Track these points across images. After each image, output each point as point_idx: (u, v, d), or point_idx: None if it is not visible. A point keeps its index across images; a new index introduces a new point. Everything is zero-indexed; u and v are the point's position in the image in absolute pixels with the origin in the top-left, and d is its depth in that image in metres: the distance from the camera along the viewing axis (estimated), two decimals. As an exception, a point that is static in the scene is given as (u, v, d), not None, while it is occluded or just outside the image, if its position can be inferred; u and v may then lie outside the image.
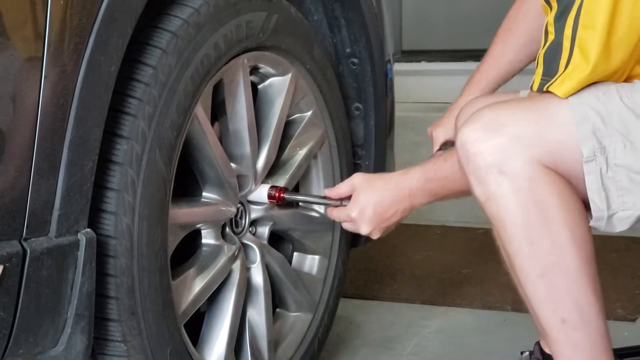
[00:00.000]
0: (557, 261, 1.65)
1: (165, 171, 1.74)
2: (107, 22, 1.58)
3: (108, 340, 1.70)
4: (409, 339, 2.57)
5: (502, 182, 1.64)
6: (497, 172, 1.63)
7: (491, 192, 1.65)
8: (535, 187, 1.63)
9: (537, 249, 1.65)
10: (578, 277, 1.65)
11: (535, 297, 1.69)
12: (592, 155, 1.63)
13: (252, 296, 2.07)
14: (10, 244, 1.49)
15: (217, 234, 1.97)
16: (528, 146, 1.63)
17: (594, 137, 1.63)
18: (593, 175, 1.64)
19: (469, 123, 1.67)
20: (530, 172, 1.63)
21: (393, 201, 1.92)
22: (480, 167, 1.65)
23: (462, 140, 1.67)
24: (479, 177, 1.66)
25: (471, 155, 1.65)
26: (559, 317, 1.67)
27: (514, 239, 1.66)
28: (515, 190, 1.63)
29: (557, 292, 1.66)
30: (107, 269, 1.66)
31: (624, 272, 2.93)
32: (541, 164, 1.63)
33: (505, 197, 1.64)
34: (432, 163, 1.89)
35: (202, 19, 1.81)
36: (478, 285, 2.93)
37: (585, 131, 1.63)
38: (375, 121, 2.35)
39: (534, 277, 1.67)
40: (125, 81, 1.67)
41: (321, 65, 2.19)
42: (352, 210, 1.95)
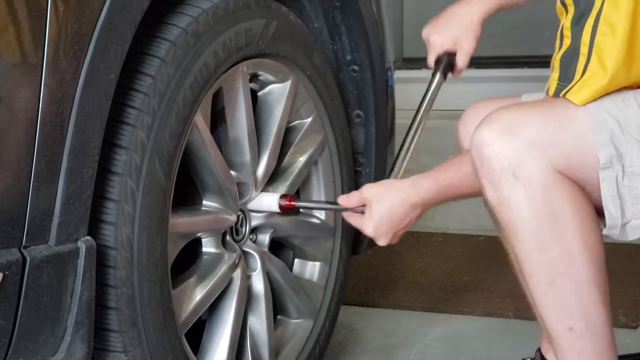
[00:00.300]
0: (567, 270, 1.64)
1: (164, 181, 1.74)
2: (106, 30, 1.58)
3: (109, 351, 1.70)
4: (411, 346, 2.57)
5: (516, 187, 1.62)
6: (512, 176, 1.62)
7: (504, 196, 1.64)
8: (550, 194, 1.62)
9: (548, 256, 1.64)
10: (587, 287, 1.64)
11: (543, 304, 1.68)
12: (609, 162, 1.62)
13: (253, 304, 2.07)
14: (10, 252, 1.49)
15: (217, 242, 1.97)
16: (544, 151, 1.61)
17: (611, 143, 1.62)
18: (608, 182, 1.63)
19: (486, 124, 1.65)
20: (546, 179, 1.61)
21: (406, 212, 1.90)
22: (495, 171, 1.63)
23: (477, 141, 1.65)
24: (492, 180, 1.64)
25: (486, 157, 1.64)
26: (566, 325, 1.66)
27: (524, 245, 1.65)
28: (529, 196, 1.62)
29: (565, 300, 1.65)
30: (107, 279, 1.66)
31: (626, 279, 2.93)
32: (556, 171, 1.62)
33: (519, 202, 1.63)
34: (446, 170, 1.86)
35: (201, 28, 1.80)
36: (480, 293, 2.93)
37: (602, 138, 1.62)
38: (376, 128, 2.35)
39: (544, 285, 1.66)
40: (124, 91, 1.67)
41: (321, 72, 2.19)
42: (367, 226, 1.93)
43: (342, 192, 2.28)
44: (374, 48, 2.31)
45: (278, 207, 2.06)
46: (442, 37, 2.13)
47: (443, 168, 1.87)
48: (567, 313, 1.66)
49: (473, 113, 2.05)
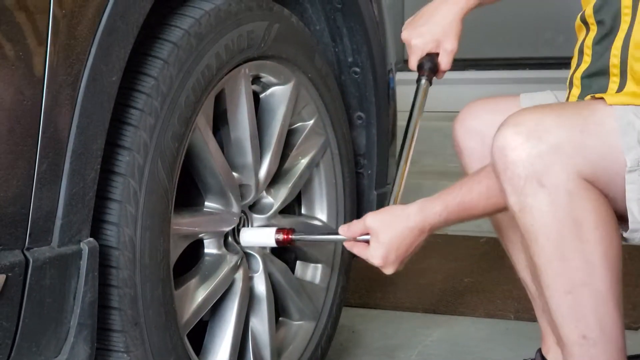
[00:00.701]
0: (586, 280, 1.62)
1: (167, 182, 1.74)
2: (108, 32, 1.58)
3: (111, 351, 1.70)
4: (412, 347, 2.57)
5: (541, 195, 1.59)
6: (537, 183, 1.58)
7: (527, 203, 1.60)
8: (574, 203, 1.59)
9: (568, 265, 1.61)
10: (605, 297, 1.63)
11: (559, 311, 1.66)
12: (636, 165, 1.60)
13: (254, 305, 2.07)
14: (13, 254, 1.49)
15: (219, 244, 1.97)
16: (570, 157, 1.58)
17: (639, 145, 1.60)
18: (635, 185, 1.61)
19: (510, 126, 1.61)
20: (571, 186, 1.58)
21: (414, 239, 1.85)
22: (520, 176, 1.59)
23: (501, 144, 1.61)
24: (516, 186, 1.61)
25: (510, 162, 1.60)
26: (580, 333, 1.65)
27: (544, 253, 1.62)
28: (553, 204, 1.59)
29: (582, 309, 1.64)
30: (109, 279, 1.66)
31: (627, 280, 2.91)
32: (582, 177, 1.59)
33: (542, 210, 1.59)
34: (456, 193, 1.80)
35: (204, 30, 1.81)
36: (481, 294, 2.93)
37: (630, 140, 1.60)
38: (378, 130, 2.35)
39: (561, 293, 1.64)
40: (127, 92, 1.68)
41: (323, 74, 2.19)
42: (375, 257, 1.87)
43: (344, 194, 2.29)
44: (375, 50, 2.31)
45: (275, 242, 2.00)
46: (424, 38, 2.06)
47: (453, 190, 1.81)
48: (582, 322, 1.64)
49: (470, 112, 2.04)
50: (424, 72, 2.09)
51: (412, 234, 1.84)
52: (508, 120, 1.63)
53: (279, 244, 2.00)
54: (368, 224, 1.88)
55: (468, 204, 1.79)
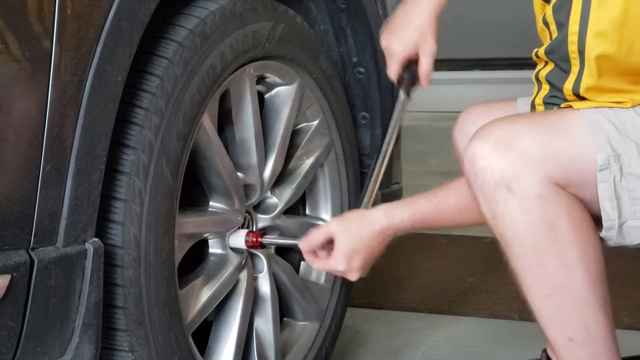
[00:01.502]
0: (565, 282, 1.62)
1: (172, 181, 1.74)
2: (113, 32, 1.59)
3: (116, 350, 1.70)
4: (416, 347, 2.57)
5: (511, 201, 1.60)
6: (507, 190, 1.59)
7: (498, 210, 1.61)
8: (546, 207, 1.59)
9: (545, 269, 1.62)
10: (586, 298, 1.63)
11: (542, 315, 1.66)
12: (607, 164, 1.61)
13: (259, 305, 2.07)
14: (18, 254, 1.50)
15: (224, 244, 1.97)
16: (540, 162, 1.59)
17: (608, 145, 1.61)
18: (606, 183, 1.61)
19: (480, 137, 1.63)
20: (541, 191, 1.59)
21: (378, 243, 1.86)
22: (489, 184, 1.61)
23: (471, 154, 1.63)
24: (486, 193, 1.62)
25: (479, 170, 1.61)
26: (566, 336, 1.65)
27: (521, 259, 1.63)
28: (525, 210, 1.59)
29: (564, 312, 1.64)
30: (114, 279, 1.66)
31: (630, 281, 2.93)
32: (552, 182, 1.60)
33: (514, 216, 1.60)
34: (423, 202, 1.82)
35: (208, 29, 1.81)
36: (484, 294, 2.93)
37: (599, 139, 1.61)
38: (382, 130, 2.35)
39: (542, 297, 1.64)
40: (132, 91, 1.68)
41: (327, 74, 2.19)
42: (338, 263, 1.87)
43: (349, 194, 2.29)
44: (379, 50, 2.31)
45: (244, 243, 1.99)
46: (403, 43, 2.01)
47: (421, 199, 1.83)
48: (566, 324, 1.65)
49: (469, 117, 2.03)
50: (402, 85, 2.06)
51: (376, 239, 1.85)
52: (478, 131, 1.65)
53: (249, 245, 1.99)
54: (332, 229, 1.89)
55: (436, 215, 1.81)
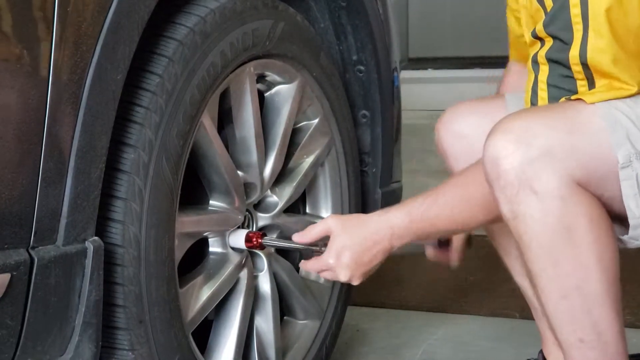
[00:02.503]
0: (580, 284, 1.61)
1: (172, 179, 1.74)
2: (113, 30, 1.58)
3: (116, 349, 1.70)
4: (417, 346, 2.57)
5: (533, 202, 1.58)
6: (529, 190, 1.58)
7: (520, 211, 1.60)
8: (566, 208, 1.58)
9: (562, 270, 1.61)
10: (600, 300, 1.62)
11: (555, 315, 1.66)
12: (628, 161, 1.60)
13: (259, 304, 2.07)
14: (18, 253, 1.49)
15: (224, 242, 1.97)
16: (561, 160, 1.58)
17: (628, 141, 1.60)
18: (629, 181, 1.60)
19: (499, 134, 1.61)
20: (563, 191, 1.58)
21: (373, 243, 1.83)
22: (512, 185, 1.59)
23: (492, 154, 1.61)
24: (509, 194, 1.60)
25: (502, 170, 1.59)
26: (577, 337, 1.64)
27: (538, 260, 1.62)
28: (545, 210, 1.58)
29: (577, 313, 1.63)
30: (114, 277, 1.66)
31: (632, 279, 2.93)
32: (574, 181, 1.58)
33: (535, 217, 1.59)
34: (419, 203, 1.80)
35: (209, 28, 1.81)
36: (486, 292, 2.93)
37: (618, 137, 1.60)
38: (382, 128, 2.35)
39: (556, 298, 1.63)
40: (132, 90, 1.68)
41: (328, 72, 2.19)
42: (329, 256, 1.86)
43: (349, 193, 2.29)
44: (380, 48, 2.31)
45: (245, 243, 1.97)
46: None
47: (417, 200, 1.81)
48: (578, 325, 1.64)
49: (455, 115, 2.02)
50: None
51: (371, 238, 1.83)
52: (496, 128, 1.62)
53: (249, 247, 1.99)
54: (329, 223, 1.88)
55: (432, 214, 1.78)
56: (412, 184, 2.16)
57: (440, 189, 1.79)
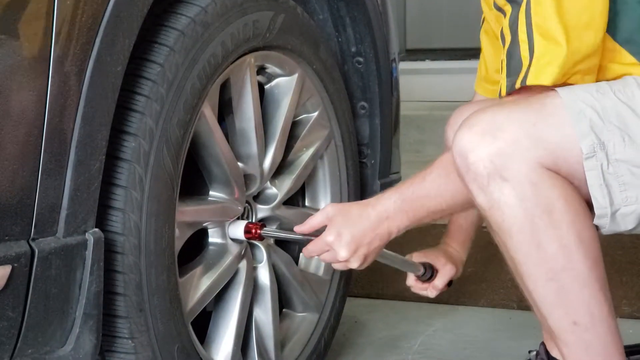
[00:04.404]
0: (565, 264, 1.63)
1: (172, 168, 1.74)
2: (113, 21, 1.58)
3: (115, 337, 1.70)
4: (415, 337, 2.58)
5: (505, 189, 1.61)
6: (500, 178, 1.61)
7: (494, 199, 1.62)
8: (540, 192, 1.60)
9: (545, 253, 1.62)
10: (587, 279, 1.63)
11: (545, 301, 1.67)
12: (592, 152, 1.61)
13: (258, 296, 2.07)
14: (19, 244, 1.50)
15: (223, 233, 1.97)
16: (528, 149, 1.60)
17: (592, 132, 1.61)
18: (594, 171, 1.62)
19: (465, 128, 1.64)
20: (534, 177, 1.60)
21: (370, 225, 1.86)
22: (482, 175, 1.62)
23: (459, 147, 1.64)
24: (480, 185, 1.63)
25: (471, 163, 1.62)
26: (570, 319, 1.65)
27: (521, 246, 1.64)
28: (520, 196, 1.61)
29: (567, 294, 1.64)
30: (115, 265, 1.66)
31: (629, 269, 2.93)
32: (543, 167, 1.61)
33: (510, 204, 1.61)
34: (409, 183, 1.85)
35: (210, 18, 1.81)
36: (484, 284, 2.94)
37: (582, 128, 1.61)
38: (381, 120, 2.35)
39: (543, 281, 1.64)
40: (133, 79, 1.68)
41: (327, 65, 2.19)
42: (329, 234, 1.88)
43: (348, 185, 2.29)
44: (378, 40, 2.31)
45: (243, 235, 1.98)
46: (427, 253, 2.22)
47: (407, 181, 1.86)
48: (570, 307, 1.65)
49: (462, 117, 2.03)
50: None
51: (369, 218, 1.86)
52: (463, 123, 1.65)
53: (248, 237, 1.99)
54: (327, 211, 1.91)
55: (422, 192, 1.82)
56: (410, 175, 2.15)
57: (428, 170, 1.83)
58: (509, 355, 2.21)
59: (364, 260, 1.90)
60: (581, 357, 1.67)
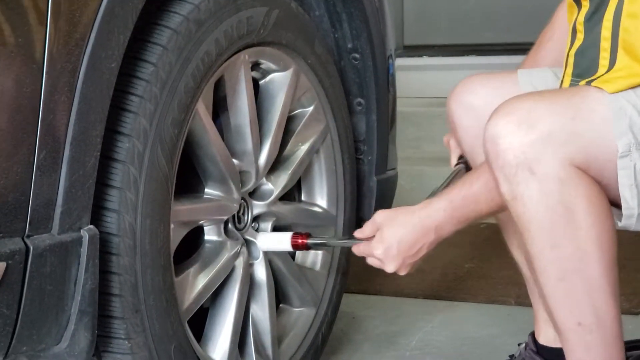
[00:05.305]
0: (579, 267, 1.61)
1: (167, 168, 1.74)
2: (107, 18, 1.58)
3: (112, 338, 1.70)
4: (413, 333, 2.58)
5: (532, 183, 1.59)
6: (528, 171, 1.58)
7: (519, 192, 1.60)
8: (565, 190, 1.58)
9: (561, 253, 1.61)
10: (598, 284, 1.62)
11: (553, 298, 1.66)
12: (627, 151, 1.59)
13: (255, 292, 2.07)
14: (13, 241, 1.49)
15: (219, 231, 1.97)
16: (561, 144, 1.58)
17: (630, 132, 1.59)
18: (626, 170, 1.60)
19: (501, 114, 1.61)
20: (562, 174, 1.58)
21: (418, 237, 1.84)
22: (511, 165, 1.59)
23: (493, 133, 1.61)
24: (507, 174, 1.60)
25: (502, 150, 1.59)
26: (575, 320, 1.64)
27: (537, 241, 1.62)
28: (544, 192, 1.58)
29: (575, 296, 1.63)
30: (110, 266, 1.66)
31: (628, 265, 2.93)
32: (573, 165, 1.58)
33: (533, 198, 1.59)
34: (458, 189, 1.81)
35: (203, 16, 1.80)
36: (482, 280, 2.94)
37: (621, 126, 1.60)
38: (377, 116, 2.35)
39: (554, 280, 1.63)
40: (126, 79, 1.67)
41: (323, 60, 2.19)
42: (376, 248, 1.87)
43: (344, 181, 2.29)
44: (375, 36, 2.30)
45: (291, 247, 2.01)
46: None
47: (455, 187, 1.82)
48: (577, 309, 1.64)
49: (466, 87, 2.03)
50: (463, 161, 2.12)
51: (414, 229, 1.84)
52: (499, 108, 1.63)
53: (295, 248, 2.02)
54: (377, 219, 1.89)
55: (471, 198, 1.78)
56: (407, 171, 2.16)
57: (475, 174, 1.79)
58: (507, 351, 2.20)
59: (412, 268, 1.91)
60: (580, 356, 1.66)
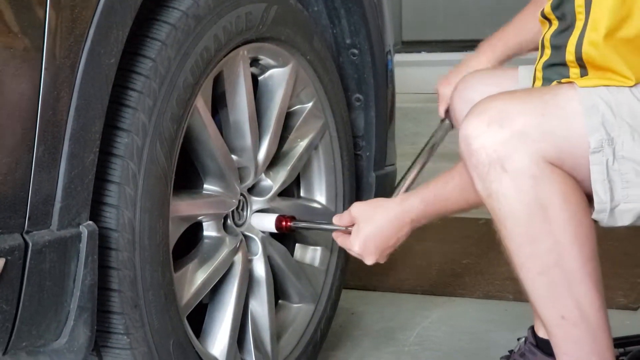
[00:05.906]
0: (557, 260, 1.62)
1: (166, 163, 1.74)
2: (106, 14, 1.58)
3: (111, 333, 1.70)
4: (411, 329, 2.58)
5: (504, 180, 1.60)
6: (500, 169, 1.60)
7: (493, 189, 1.62)
8: (539, 186, 1.60)
9: (538, 247, 1.63)
10: (579, 276, 1.63)
11: (534, 293, 1.67)
12: (599, 147, 1.60)
13: (254, 288, 2.07)
14: (12, 237, 1.49)
15: (218, 226, 1.97)
16: (533, 141, 1.59)
17: (602, 128, 1.60)
18: (599, 166, 1.61)
19: (474, 115, 1.63)
20: (535, 170, 1.59)
21: (394, 231, 1.91)
22: (483, 163, 1.61)
23: (466, 133, 1.63)
24: (480, 173, 1.63)
25: (474, 150, 1.62)
26: (558, 314, 1.65)
27: (514, 237, 1.64)
28: (518, 188, 1.60)
29: (556, 289, 1.64)
30: (109, 261, 1.66)
31: (625, 261, 2.94)
32: (546, 161, 1.60)
33: (507, 195, 1.61)
34: (432, 187, 1.86)
35: (202, 11, 1.80)
36: (479, 275, 2.94)
37: (593, 122, 1.60)
38: (376, 112, 2.35)
39: (534, 274, 1.65)
40: (125, 74, 1.67)
41: (321, 56, 2.19)
42: (354, 244, 1.93)
43: (343, 176, 2.29)
44: (373, 31, 2.30)
45: (275, 228, 2.05)
46: (450, 87, 2.14)
47: (429, 185, 1.87)
48: (559, 302, 1.65)
49: (467, 83, 2.05)
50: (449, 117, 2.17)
51: (391, 225, 1.90)
52: (473, 109, 1.65)
53: (279, 230, 2.05)
54: (353, 213, 1.95)
55: (443, 197, 1.84)
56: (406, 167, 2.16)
57: (449, 175, 1.83)
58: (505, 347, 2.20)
59: (387, 257, 1.97)
60: (567, 350, 1.67)
